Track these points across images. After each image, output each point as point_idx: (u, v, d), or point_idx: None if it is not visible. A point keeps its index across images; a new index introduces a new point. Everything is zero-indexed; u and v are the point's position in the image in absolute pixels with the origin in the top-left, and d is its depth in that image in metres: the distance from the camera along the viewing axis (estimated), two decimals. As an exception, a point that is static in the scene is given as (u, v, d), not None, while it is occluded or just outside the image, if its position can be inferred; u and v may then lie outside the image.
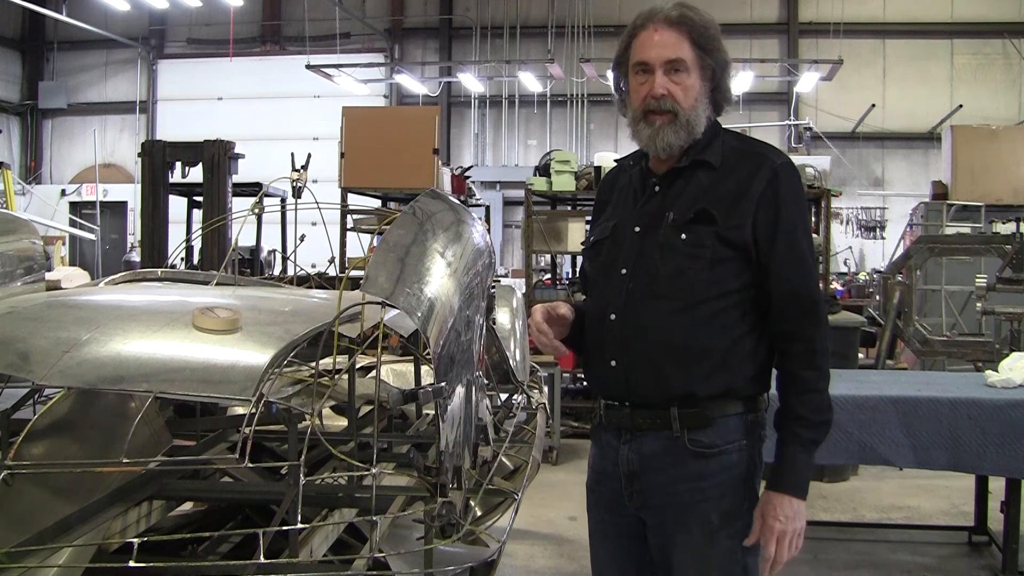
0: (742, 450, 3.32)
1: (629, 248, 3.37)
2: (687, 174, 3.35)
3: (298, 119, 26.23)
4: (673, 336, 3.26)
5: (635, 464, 3.38)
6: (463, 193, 13.62)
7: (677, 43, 3.26)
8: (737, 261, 3.25)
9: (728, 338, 3.27)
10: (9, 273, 4.67)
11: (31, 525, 3.50)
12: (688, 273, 3.25)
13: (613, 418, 3.45)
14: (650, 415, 3.33)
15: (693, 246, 3.24)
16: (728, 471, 3.30)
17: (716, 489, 3.30)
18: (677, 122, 3.29)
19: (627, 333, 3.33)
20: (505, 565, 5.72)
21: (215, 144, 12.00)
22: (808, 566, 7.11)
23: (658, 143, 3.33)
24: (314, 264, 7.39)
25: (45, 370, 3.39)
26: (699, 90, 3.30)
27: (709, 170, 3.32)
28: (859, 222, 25.00)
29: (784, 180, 3.28)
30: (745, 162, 3.31)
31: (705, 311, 3.25)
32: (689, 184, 3.33)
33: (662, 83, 3.27)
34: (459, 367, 3.89)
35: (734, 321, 3.28)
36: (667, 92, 3.27)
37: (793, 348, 3.30)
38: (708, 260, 3.23)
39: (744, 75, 22.15)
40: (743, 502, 3.32)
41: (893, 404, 6.17)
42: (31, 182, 28.50)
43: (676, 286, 3.26)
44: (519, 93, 27.20)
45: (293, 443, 3.70)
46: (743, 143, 3.41)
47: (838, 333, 9.70)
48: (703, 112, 3.33)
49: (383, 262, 3.45)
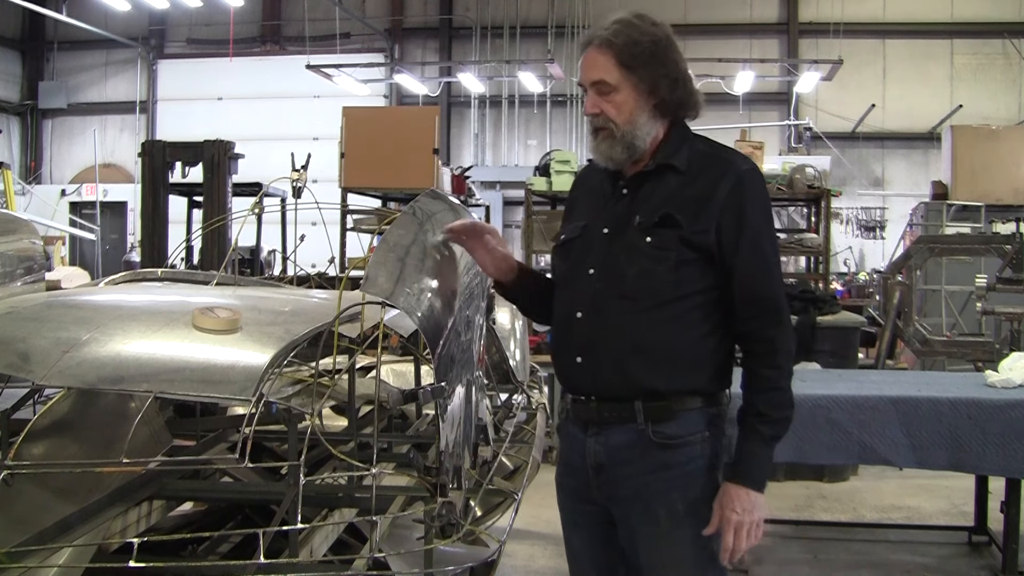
0: (705, 441, 3.41)
1: (598, 249, 3.47)
2: (654, 178, 3.45)
3: (298, 119, 26.21)
4: (637, 335, 3.35)
5: (602, 456, 3.47)
6: (463, 193, 13.62)
7: (601, 65, 3.39)
8: (701, 264, 3.35)
9: (690, 338, 3.37)
10: (9, 273, 4.67)
11: (31, 525, 3.50)
12: (653, 275, 3.34)
13: (580, 412, 3.54)
14: (616, 408, 3.42)
15: (658, 249, 3.34)
16: (692, 461, 3.40)
17: (681, 479, 3.39)
18: (614, 137, 3.42)
19: (593, 332, 3.42)
20: (505, 565, 5.72)
21: (215, 144, 11.99)
22: (808, 566, 7.12)
23: (598, 156, 3.49)
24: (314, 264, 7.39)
25: (45, 370, 3.39)
26: (633, 105, 3.40)
27: (676, 174, 3.42)
28: (859, 222, 24.96)
29: (749, 185, 3.38)
30: (711, 167, 3.41)
31: (669, 312, 3.34)
32: (656, 188, 3.43)
33: (591, 103, 3.43)
34: (459, 367, 3.90)
35: (697, 321, 3.37)
36: (599, 111, 3.42)
37: (756, 348, 3.39)
38: (672, 263, 3.33)
39: (744, 75, 22.15)
40: (707, 491, 3.39)
41: (893, 404, 6.16)
42: (31, 182, 28.49)
43: (641, 287, 3.35)
44: (519, 93, 27.18)
45: (293, 443, 3.70)
46: (710, 148, 3.51)
47: (838, 333, 9.73)
48: (644, 124, 3.43)
49: (383, 262, 3.45)
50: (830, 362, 9.15)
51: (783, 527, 8.02)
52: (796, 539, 7.79)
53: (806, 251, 12.12)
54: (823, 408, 6.19)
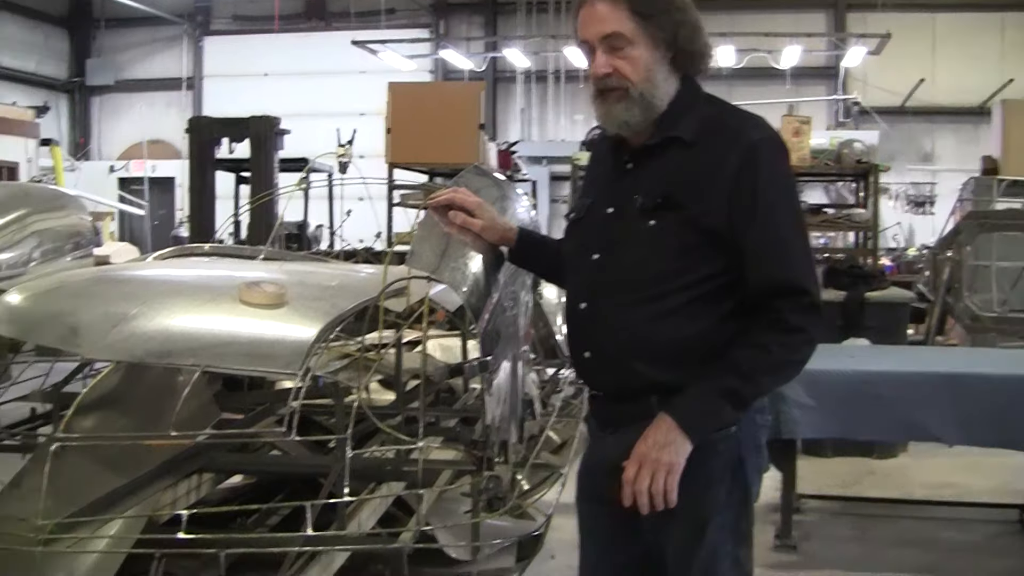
0: (729, 437, 3.06)
1: (601, 231, 3.15)
2: (659, 152, 3.07)
3: (344, 95, 26.20)
4: (642, 328, 3.02)
5: (620, 456, 3.05)
6: (509, 168, 13.60)
7: (612, 17, 2.97)
8: (708, 248, 2.98)
9: (699, 328, 3.01)
10: (59, 248, 4.71)
11: (82, 497, 3.53)
12: (655, 262, 3.00)
13: (596, 409, 3.28)
14: (631, 405, 3.08)
15: (660, 233, 2.99)
16: (714, 459, 3.05)
17: (702, 479, 3.02)
18: (629, 98, 3.02)
19: (596, 325, 3.12)
20: (552, 539, 5.70)
21: (261, 120, 12.01)
22: (856, 543, 7.08)
23: (610, 122, 3.11)
24: (361, 239, 7.41)
25: (94, 344, 3.42)
26: (650, 60, 3.00)
27: (682, 146, 3.03)
28: (908, 197, 24.72)
29: (763, 158, 2.98)
30: (719, 137, 3.01)
31: (675, 301, 3.00)
32: (660, 163, 3.06)
33: (602, 62, 3.01)
34: (505, 342, 3.89)
35: (708, 309, 3.01)
36: (611, 70, 3.01)
37: (762, 318, 2.97)
38: (675, 249, 2.98)
39: (791, 49, 21.97)
40: (731, 492, 3.09)
41: (943, 381, 6.11)
42: (80, 159, 28.62)
43: (642, 276, 3.02)
44: (565, 68, 27.07)
45: (340, 417, 3.70)
46: (722, 114, 3.10)
47: (887, 309, 9.64)
48: (662, 83, 3.04)
49: (428, 237, 3.45)
50: (879, 338, 9.06)
51: (831, 503, 7.97)
52: (844, 515, 7.74)
53: (854, 226, 12.02)
54: (871, 384, 6.15)
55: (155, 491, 3.76)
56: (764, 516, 6.82)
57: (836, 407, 6.14)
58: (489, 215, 3.35)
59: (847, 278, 9.77)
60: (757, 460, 3.17)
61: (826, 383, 6.09)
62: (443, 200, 3.31)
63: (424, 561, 4.07)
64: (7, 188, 5.49)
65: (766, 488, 3.32)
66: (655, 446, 2.91)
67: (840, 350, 7.69)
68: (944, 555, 6.83)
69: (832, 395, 6.13)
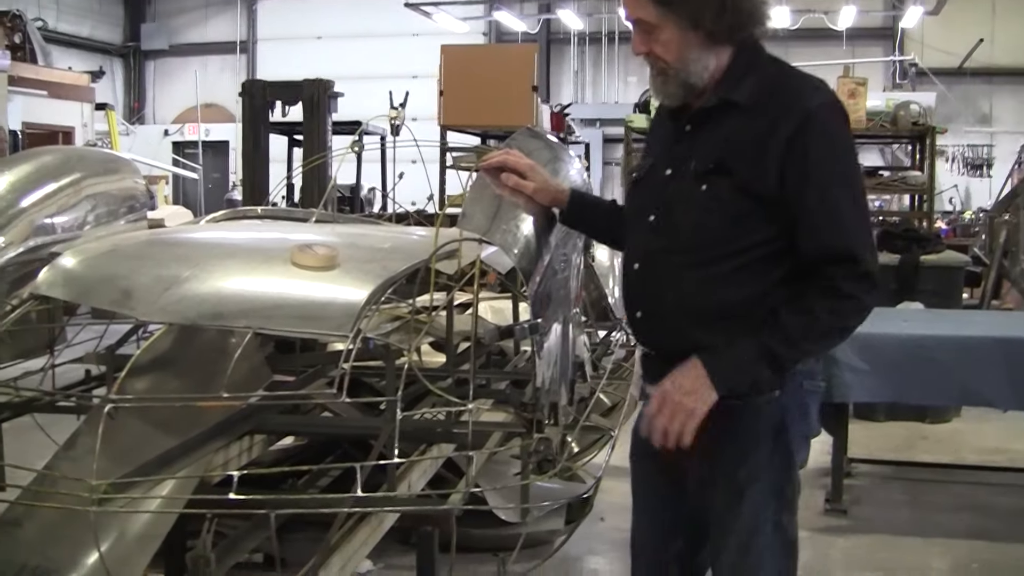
0: (773, 401, 3.05)
1: (658, 194, 3.14)
2: (716, 115, 3.06)
3: (397, 58, 26.21)
4: (688, 293, 3.03)
5: None
6: (562, 131, 13.59)
7: (636, 4, 3.03)
8: (759, 214, 2.95)
9: (748, 294, 2.99)
10: (113, 212, 4.74)
11: (135, 458, 3.57)
12: (706, 227, 2.99)
13: (648, 367, 3.29)
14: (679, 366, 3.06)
15: (712, 199, 2.98)
16: (756, 423, 3.06)
17: (743, 442, 3.07)
18: (667, 76, 3.07)
19: (648, 286, 3.13)
20: (602, 501, 5.72)
21: (314, 83, 12.06)
22: (908, 507, 7.05)
23: (656, 94, 3.20)
24: (414, 202, 7.42)
25: (147, 307, 3.44)
26: (680, 41, 3.01)
27: (738, 111, 3.01)
28: (965, 160, 24.46)
29: (818, 124, 2.95)
30: (776, 102, 2.99)
31: (726, 266, 2.99)
32: (717, 127, 3.05)
33: (638, 41, 3.07)
34: (556, 304, 3.89)
35: (759, 275, 2.99)
36: (647, 49, 3.06)
37: (815, 284, 2.93)
38: (728, 214, 2.97)
39: (847, 10, 21.79)
40: (772, 457, 3.08)
41: (997, 345, 6.06)
42: (134, 123, 28.86)
43: (694, 240, 3.01)
44: (619, 29, 26.92)
45: (391, 379, 3.71)
46: (780, 77, 3.07)
47: (942, 273, 9.56)
48: (697, 59, 3.03)
49: (479, 199, 3.45)
50: (933, 302, 9.00)
51: (883, 468, 7.94)
52: (896, 480, 7.72)
53: (910, 189, 11.93)
54: (925, 348, 6.11)
55: (207, 452, 3.79)
56: (815, 480, 6.81)
57: (889, 371, 6.12)
58: (541, 177, 3.37)
59: (902, 241, 9.70)
60: (803, 426, 3.15)
61: (879, 347, 6.07)
62: (495, 162, 3.34)
63: (474, 523, 4.09)
64: (62, 152, 5.54)
65: (816, 452, 3.31)
66: (680, 390, 2.94)
67: (894, 314, 7.64)
68: (996, 521, 6.80)
69: (885, 359, 6.10)
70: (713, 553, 3.23)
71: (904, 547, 6.26)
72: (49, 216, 4.36)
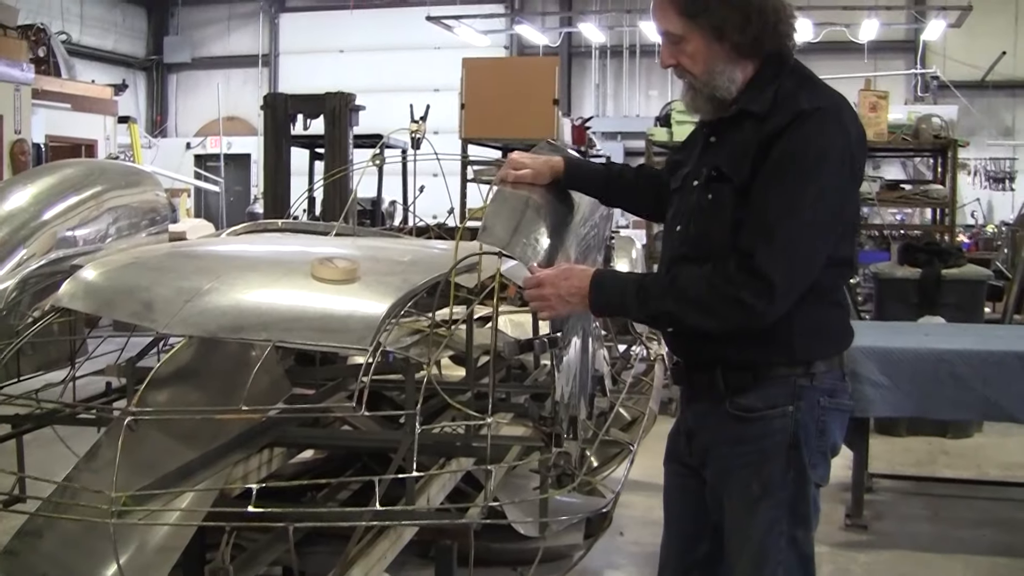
0: (787, 416, 3.08)
1: (685, 202, 3.23)
2: (735, 125, 3.10)
3: (419, 71, 26.26)
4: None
5: (691, 422, 3.32)
6: (584, 144, 13.58)
7: (664, 16, 3.10)
8: None
9: None
10: (134, 224, 4.77)
11: (154, 469, 3.57)
12: (713, 234, 3.05)
13: (678, 376, 3.42)
14: (700, 375, 3.21)
15: (716, 206, 3.06)
16: (769, 437, 3.09)
17: (756, 455, 3.10)
18: (695, 89, 3.15)
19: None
20: (622, 516, 5.72)
21: (336, 96, 12.07)
22: (929, 523, 7.03)
23: (686, 107, 3.30)
24: (435, 215, 7.42)
25: (167, 319, 3.45)
26: (707, 53, 3.06)
27: (754, 120, 3.04)
28: (987, 173, 24.37)
29: (799, 124, 2.95)
30: (782, 109, 3.01)
31: None
32: (734, 137, 3.09)
33: (666, 53, 3.15)
34: (575, 318, 3.89)
35: None
36: (675, 62, 3.13)
37: (729, 266, 2.95)
38: (728, 221, 3.01)
39: (869, 23, 21.73)
40: (787, 472, 3.09)
41: (1020, 359, 6.05)
42: (157, 135, 28.96)
43: (702, 248, 3.07)
44: (640, 43, 26.92)
45: (410, 392, 3.71)
46: (795, 87, 3.07)
47: (963, 286, 9.53)
48: (723, 72, 3.08)
49: (499, 212, 3.45)
50: (955, 316, 8.98)
51: (904, 483, 7.92)
52: (917, 495, 7.69)
53: (932, 203, 11.92)
54: (947, 363, 6.10)
55: (227, 465, 3.79)
56: (835, 495, 6.79)
57: (910, 385, 6.10)
58: (535, 162, 3.54)
59: (923, 255, 9.68)
60: (819, 442, 3.15)
61: (900, 361, 6.06)
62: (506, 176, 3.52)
63: (492, 537, 4.08)
64: (84, 165, 5.56)
65: (837, 467, 3.29)
66: (559, 289, 3.15)
67: (915, 328, 7.63)
68: (1019, 537, 6.78)
69: (906, 373, 6.09)
70: (728, 565, 3.27)
71: (925, 563, 6.24)
72: (71, 228, 4.39)
